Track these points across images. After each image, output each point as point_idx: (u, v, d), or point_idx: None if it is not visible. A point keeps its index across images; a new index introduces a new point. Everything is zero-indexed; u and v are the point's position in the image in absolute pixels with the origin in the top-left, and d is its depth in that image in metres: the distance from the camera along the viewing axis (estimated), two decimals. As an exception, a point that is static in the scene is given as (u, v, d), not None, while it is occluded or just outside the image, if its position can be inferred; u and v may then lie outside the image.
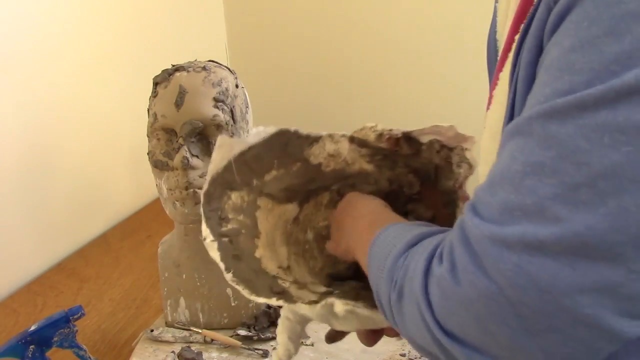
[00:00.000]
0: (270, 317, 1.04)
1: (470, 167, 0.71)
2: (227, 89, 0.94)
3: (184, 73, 0.93)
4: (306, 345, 0.99)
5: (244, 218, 0.77)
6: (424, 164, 0.77)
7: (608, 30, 0.40)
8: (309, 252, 0.84)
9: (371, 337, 0.73)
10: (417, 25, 1.71)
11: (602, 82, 0.39)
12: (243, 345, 0.99)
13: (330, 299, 0.67)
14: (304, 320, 0.76)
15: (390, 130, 0.76)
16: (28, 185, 1.27)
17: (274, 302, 0.70)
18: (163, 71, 0.95)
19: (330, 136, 0.78)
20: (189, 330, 1.03)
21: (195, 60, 0.97)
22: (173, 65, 0.95)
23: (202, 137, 0.93)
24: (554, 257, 0.39)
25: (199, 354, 0.97)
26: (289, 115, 1.88)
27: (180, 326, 1.05)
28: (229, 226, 0.76)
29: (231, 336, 1.01)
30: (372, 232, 0.60)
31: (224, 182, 0.75)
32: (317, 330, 1.02)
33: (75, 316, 0.90)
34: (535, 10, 0.48)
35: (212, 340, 1.01)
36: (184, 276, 1.04)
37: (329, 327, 0.83)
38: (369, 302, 0.66)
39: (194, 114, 0.91)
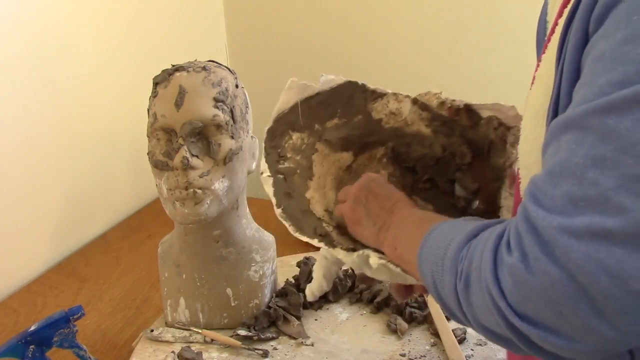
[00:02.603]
0: (270, 317, 1.04)
1: None
2: (227, 89, 0.94)
3: (184, 73, 0.93)
4: (306, 345, 0.99)
5: (301, 159, 0.82)
6: (479, 137, 0.80)
7: None
8: None
9: (403, 292, 0.77)
10: (418, 27, 1.71)
11: None
12: (243, 345, 0.99)
13: (367, 251, 0.71)
14: (339, 262, 0.80)
15: (453, 100, 0.80)
16: (28, 185, 1.27)
17: (315, 242, 0.74)
18: (163, 71, 0.95)
19: (395, 95, 0.83)
20: (189, 330, 1.03)
21: (195, 60, 0.97)
22: (173, 65, 0.95)
23: (202, 137, 0.93)
24: (621, 245, 0.42)
25: (199, 354, 0.97)
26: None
27: (180, 326, 1.05)
28: (286, 164, 0.80)
29: (231, 336, 1.01)
30: (422, 228, 0.62)
31: (287, 122, 0.80)
32: (317, 331, 1.02)
33: (75, 316, 0.90)
34: None
35: (212, 340, 1.01)
36: (184, 276, 1.04)
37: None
38: None
39: (194, 114, 0.91)
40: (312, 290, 0.83)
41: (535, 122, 0.58)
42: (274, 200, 0.76)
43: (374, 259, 0.70)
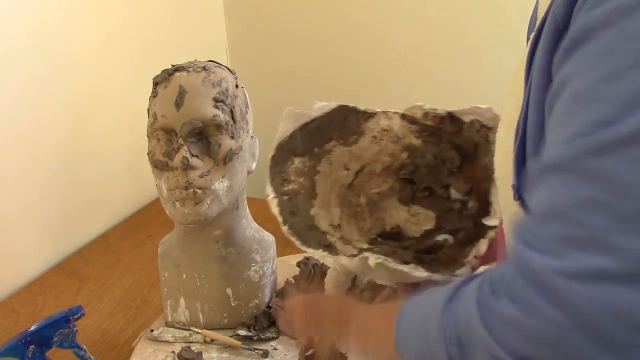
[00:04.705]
0: (270, 317, 1.04)
1: None
2: (227, 89, 0.94)
3: (184, 73, 0.93)
4: (306, 345, 0.99)
5: (304, 180, 0.87)
6: (465, 141, 0.86)
7: (635, 62, 0.42)
8: (360, 214, 0.92)
9: (410, 290, 0.77)
10: (417, 26, 1.71)
11: (634, 114, 0.41)
12: (243, 345, 0.99)
13: (366, 253, 0.74)
14: (348, 273, 0.84)
15: (436, 109, 0.87)
16: (28, 185, 1.27)
17: (319, 253, 0.78)
18: (163, 71, 0.95)
19: (385, 112, 0.89)
20: (189, 330, 1.03)
21: (195, 60, 0.97)
22: (173, 65, 0.95)
23: (202, 137, 0.93)
24: (621, 284, 0.41)
25: (199, 354, 0.97)
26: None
27: (180, 326, 1.05)
28: (290, 186, 0.85)
29: (231, 336, 1.01)
30: (388, 318, 0.58)
31: (289, 148, 0.86)
32: (317, 330, 1.02)
33: (75, 316, 0.90)
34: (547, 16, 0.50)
35: (212, 340, 1.01)
36: (184, 276, 1.04)
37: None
38: (401, 258, 0.74)
39: (194, 114, 0.91)
40: None
41: (509, 135, 0.57)
42: (280, 219, 0.80)
43: (372, 259, 0.72)
